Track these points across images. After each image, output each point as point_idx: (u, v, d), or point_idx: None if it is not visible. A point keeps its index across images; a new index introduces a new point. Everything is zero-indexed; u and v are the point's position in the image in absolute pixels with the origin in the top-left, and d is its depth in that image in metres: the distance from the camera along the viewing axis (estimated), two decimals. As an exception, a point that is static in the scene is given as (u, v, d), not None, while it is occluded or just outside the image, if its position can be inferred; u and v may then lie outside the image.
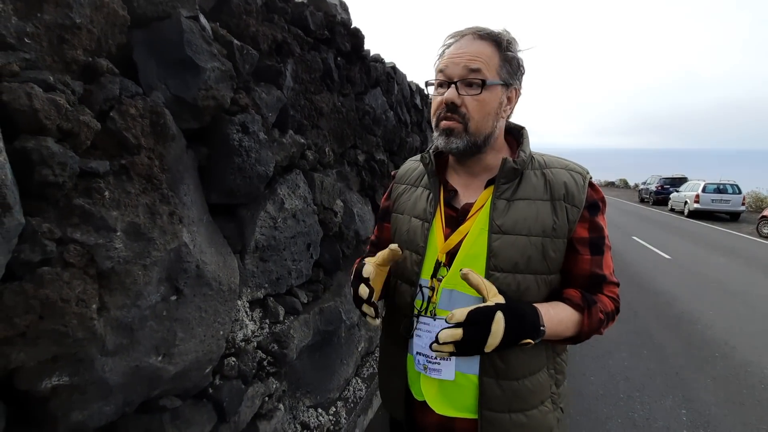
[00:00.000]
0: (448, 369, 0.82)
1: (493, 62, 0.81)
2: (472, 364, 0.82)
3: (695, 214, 13.63)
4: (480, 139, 0.83)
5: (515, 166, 0.82)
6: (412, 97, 4.39)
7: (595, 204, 0.83)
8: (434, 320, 0.82)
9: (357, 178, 2.84)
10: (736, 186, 13.36)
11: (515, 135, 0.92)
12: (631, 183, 32.83)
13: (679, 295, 5.01)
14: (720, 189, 13.38)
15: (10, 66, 0.91)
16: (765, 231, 10.11)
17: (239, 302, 1.56)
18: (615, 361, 3.25)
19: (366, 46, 2.85)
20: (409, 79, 4.37)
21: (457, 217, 0.87)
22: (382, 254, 0.84)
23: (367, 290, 0.82)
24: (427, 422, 0.89)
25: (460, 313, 0.71)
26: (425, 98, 5.17)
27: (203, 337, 1.28)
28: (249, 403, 1.50)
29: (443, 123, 0.83)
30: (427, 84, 0.88)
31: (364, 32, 2.76)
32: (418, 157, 1.04)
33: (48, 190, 0.91)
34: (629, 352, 3.40)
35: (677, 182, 17.91)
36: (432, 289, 0.85)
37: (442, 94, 0.82)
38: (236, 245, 1.59)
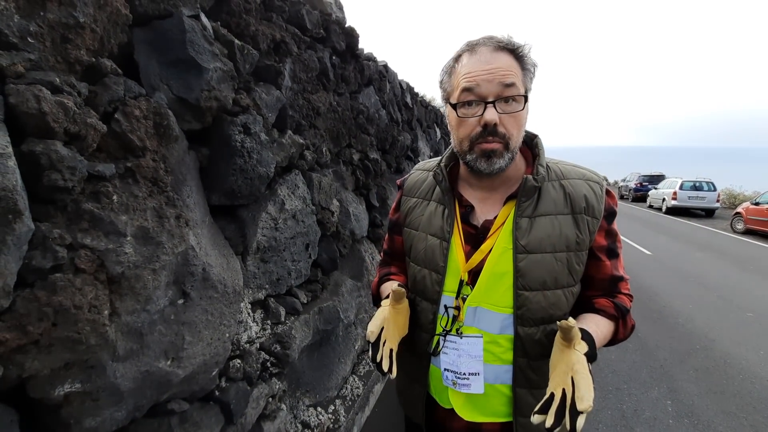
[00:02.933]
0: (477, 383, 0.83)
1: (519, 73, 0.78)
2: (501, 375, 0.83)
3: (673, 211, 14.04)
4: (515, 154, 0.81)
5: (536, 184, 0.81)
6: (402, 96, 4.40)
7: (612, 212, 0.84)
8: (461, 338, 0.83)
9: (352, 178, 2.84)
10: (712, 183, 13.80)
11: (528, 144, 0.90)
12: (611, 180, 33.57)
13: (661, 290, 5.17)
14: (696, 186, 13.80)
15: (15, 67, 0.89)
16: (738, 227, 10.49)
17: (242, 304, 1.55)
18: (602, 355, 3.34)
19: (359, 45, 2.84)
20: (399, 77, 4.38)
21: (476, 235, 0.85)
22: (393, 296, 0.83)
23: (386, 361, 0.79)
24: (454, 427, 0.89)
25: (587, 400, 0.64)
26: (415, 96, 5.18)
27: (210, 340, 1.27)
28: (254, 405, 1.50)
29: (484, 146, 0.78)
30: (455, 106, 0.80)
31: (357, 31, 2.75)
32: (427, 166, 1.01)
33: (57, 195, 0.89)
34: (615, 345, 3.50)
35: (655, 179, 18.38)
36: (457, 308, 0.85)
37: (475, 114, 0.77)
38: (238, 247, 1.58)
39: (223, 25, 1.55)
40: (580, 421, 0.63)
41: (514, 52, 0.78)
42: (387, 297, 0.90)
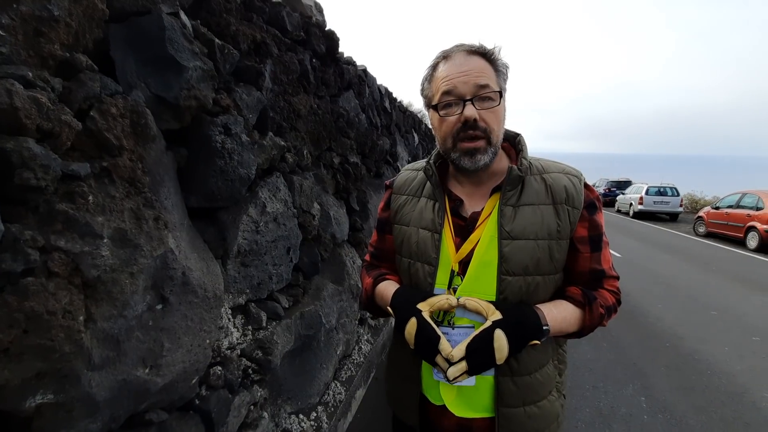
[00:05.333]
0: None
1: (492, 74, 0.84)
2: None
3: (639, 215, 14.62)
4: (497, 149, 0.86)
5: (520, 174, 0.85)
6: (381, 100, 4.42)
7: (592, 203, 0.88)
8: (453, 329, 0.83)
9: (332, 181, 2.83)
10: (675, 189, 14.47)
11: (512, 142, 0.95)
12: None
13: (631, 291, 5.36)
14: (661, 191, 14.43)
15: (-16, 60, 0.84)
16: (700, 230, 11.02)
17: (222, 309, 1.50)
18: (579, 354, 3.42)
19: (339, 49, 2.84)
20: (378, 82, 4.40)
21: (466, 226, 0.89)
22: (439, 305, 0.83)
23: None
24: (445, 425, 0.90)
25: (459, 351, 0.77)
26: (393, 101, 5.22)
27: (190, 347, 1.23)
28: (236, 413, 1.45)
29: (466, 144, 0.83)
30: (436, 108, 0.85)
31: (337, 35, 2.75)
32: (416, 165, 1.05)
33: (29, 195, 0.84)
34: (590, 345, 3.59)
35: (623, 185, 19.07)
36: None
37: (456, 113, 0.82)
38: (217, 250, 1.54)
39: (203, 23, 1.51)
40: (450, 371, 0.78)
41: (485, 55, 0.84)
42: (400, 297, 0.90)
